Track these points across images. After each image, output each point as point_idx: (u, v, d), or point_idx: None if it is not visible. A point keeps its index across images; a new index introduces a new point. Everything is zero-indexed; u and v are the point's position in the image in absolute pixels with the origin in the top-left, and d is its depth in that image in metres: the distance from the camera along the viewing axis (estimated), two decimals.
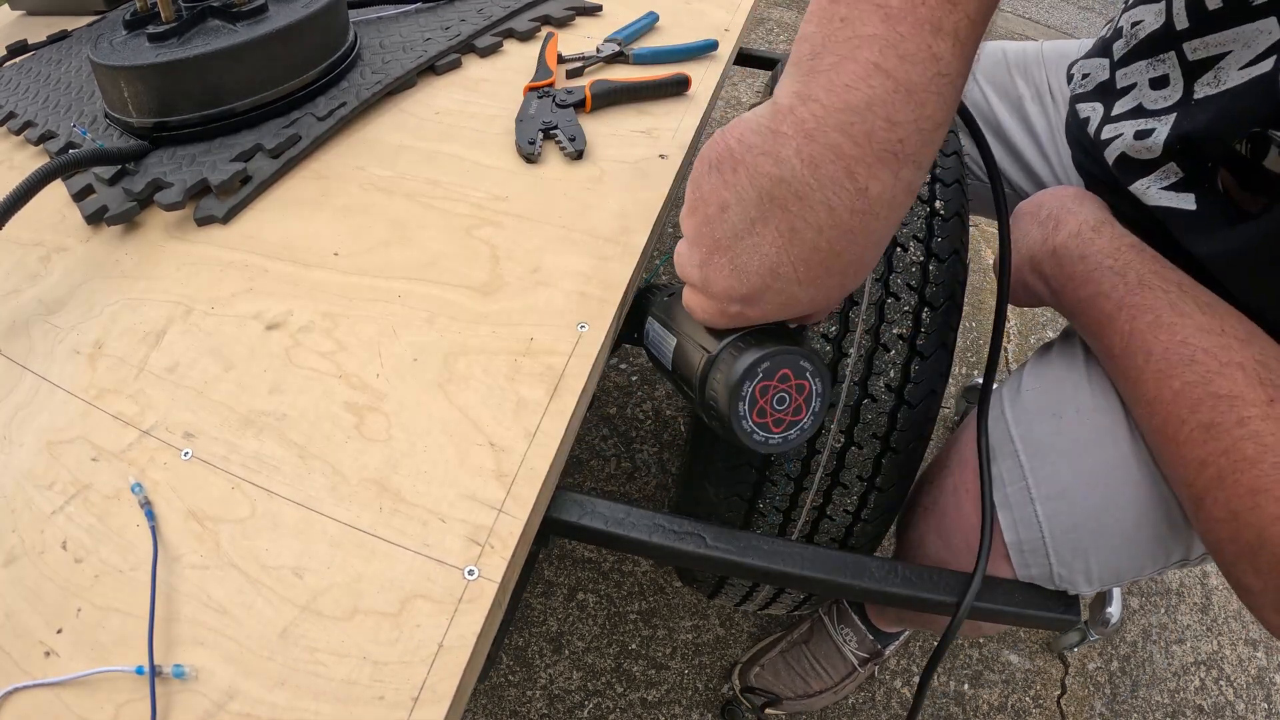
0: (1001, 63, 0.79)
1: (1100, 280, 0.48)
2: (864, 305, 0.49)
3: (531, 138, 0.60)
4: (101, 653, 0.35)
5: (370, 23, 0.77)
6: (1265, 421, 0.38)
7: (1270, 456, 0.38)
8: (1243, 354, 0.41)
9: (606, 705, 0.93)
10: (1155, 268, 0.47)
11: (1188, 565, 0.51)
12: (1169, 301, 0.45)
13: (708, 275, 0.35)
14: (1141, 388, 0.45)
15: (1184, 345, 0.43)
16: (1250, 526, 0.38)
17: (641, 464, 1.16)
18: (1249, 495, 0.38)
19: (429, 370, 0.45)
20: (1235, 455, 0.39)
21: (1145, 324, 0.45)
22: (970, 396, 1.26)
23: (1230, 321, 0.43)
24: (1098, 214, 0.52)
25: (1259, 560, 0.38)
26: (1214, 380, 0.41)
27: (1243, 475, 0.38)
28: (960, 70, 0.30)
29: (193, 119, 0.59)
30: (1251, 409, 0.39)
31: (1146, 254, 0.48)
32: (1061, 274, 0.51)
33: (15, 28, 0.90)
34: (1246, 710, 0.98)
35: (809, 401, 0.36)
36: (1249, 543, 0.38)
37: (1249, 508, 0.38)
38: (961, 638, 1.01)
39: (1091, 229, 0.51)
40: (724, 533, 0.45)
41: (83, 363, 0.47)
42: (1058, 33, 2.66)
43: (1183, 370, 0.42)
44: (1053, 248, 0.52)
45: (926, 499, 0.59)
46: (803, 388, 0.35)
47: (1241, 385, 0.40)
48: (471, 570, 0.37)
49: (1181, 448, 0.42)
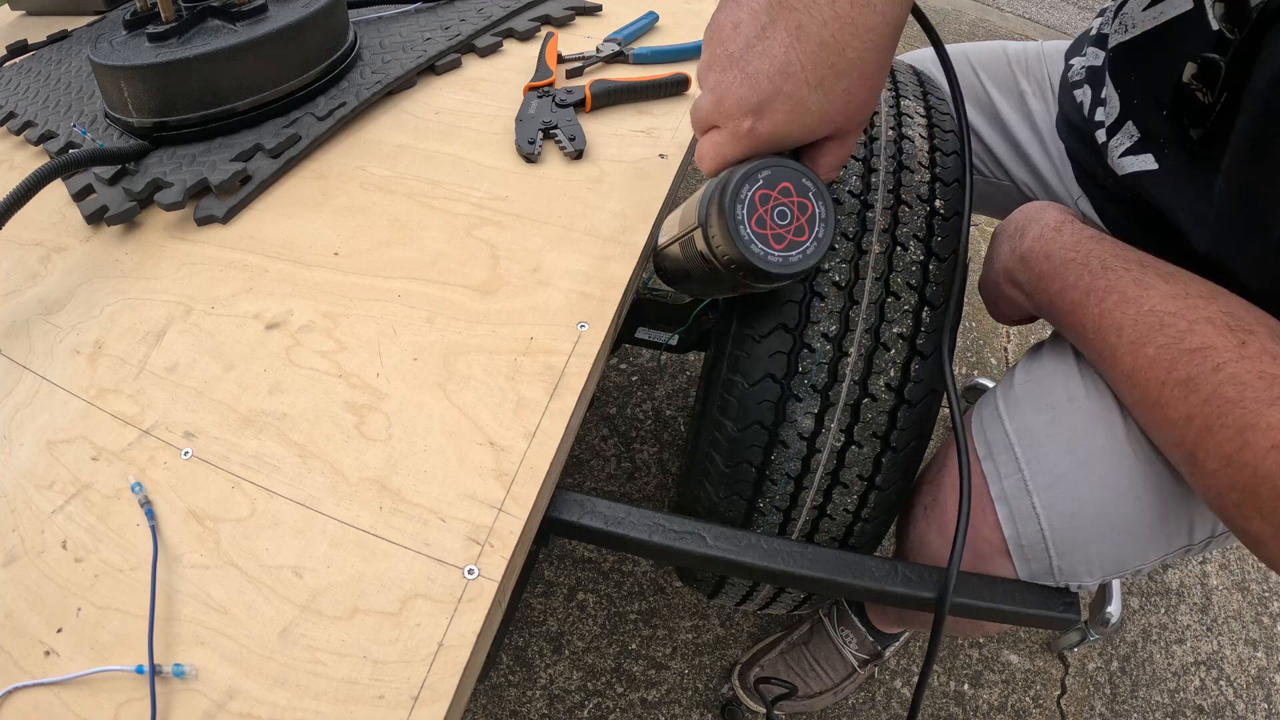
0: (1003, 60, 0.79)
1: (1066, 273, 0.50)
2: (864, 304, 0.49)
3: (531, 137, 0.60)
4: (101, 652, 0.35)
5: (370, 23, 0.77)
6: (1240, 363, 0.39)
7: (1250, 393, 0.38)
8: (1209, 309, 0.42)
9: (606, 705, 0.93)
10: (1115, 251, 0.48)
11: (1190, 552, 0.51)
12: (1133, 279, 0.46)
13: (720, 93, 0.37)
14: (1119, 363, 0.45)
15: (1152, 314, 0.44)
16: (1245, 466, 0.38)
17: (641, 464, 1.16)
18: (1237, 435, 0.38)
19: (429, 370, 0.45)
20: (1217, 401, 0.39)
21: (1112, 303, 0.46)
22: (970, 396, 1.26)
23: (1194, 285, 0.44)
24: (1058, 217, 0.54)
25: (1260, 500, 0.38)
26: (1185, 338, 0.42)
27: (1228, 417, 0.38)
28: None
29: (193, 119, 0.59)
30: (1225, 354, 0.40)
31: (1106, 242, 0.50)
32: (1032, 276, 0.53)
33: (15, 28, 0.90)
34: (1246, 710, 0.98)
35: (812, 224, 0.35)
36: (1246, 484, 0.38)
37: (1239, 448, 0.38)
38: (964, 638, 1.01)
39: (1053, 229, 0.53)
40: (724, 533, 0.45)
41: (83, 362, 0.47)
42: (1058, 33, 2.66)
43: (1154, 336, 0.43)
44: (1020, 254, 0.54)
45: (927, 497, 0.59)
46: (805, 207, 0.35)
47: (1212, 336, 0.41)
48: (471, 569, 0.37)
49: (1166, 409, 0.42)
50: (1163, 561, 0.51)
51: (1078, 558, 0.48)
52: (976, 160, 0.82)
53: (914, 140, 0.55)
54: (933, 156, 0.54)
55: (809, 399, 0.49)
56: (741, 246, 0.34)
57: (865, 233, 0.50)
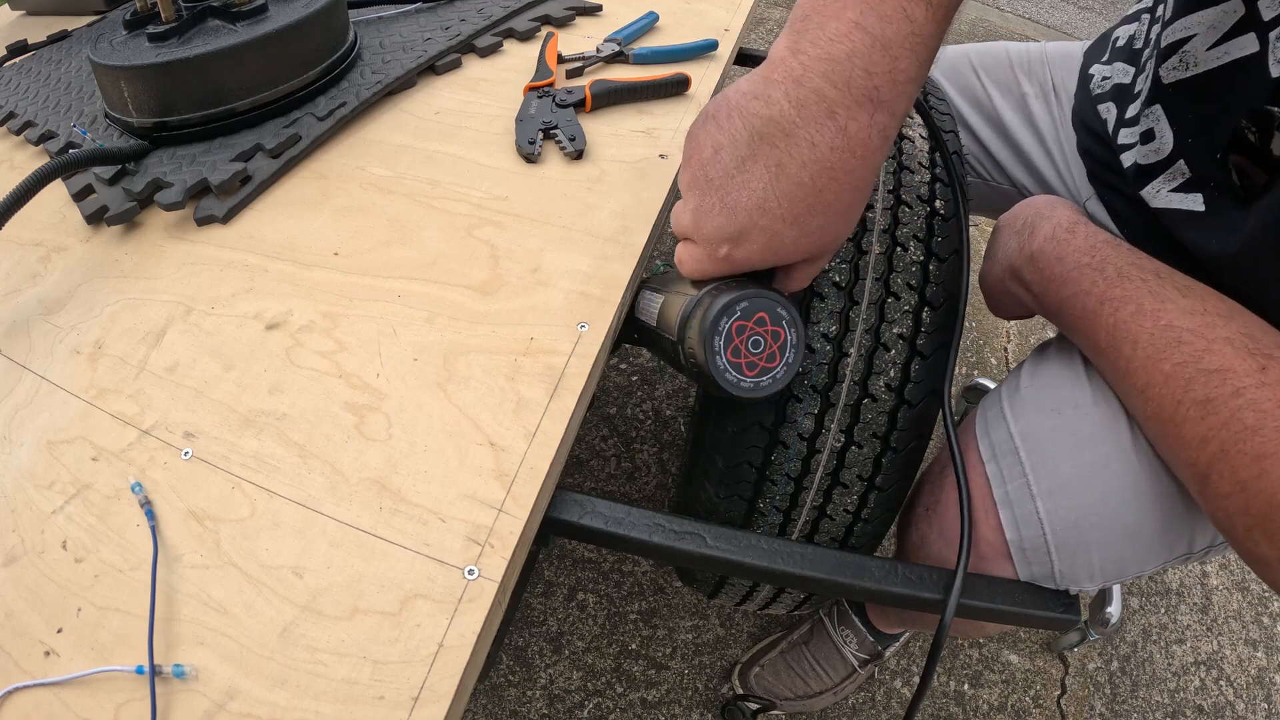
0: (1005, 62, 0.79)
1: (1079, 278, 0.49)
2: (864, 305, 0.49)
3: (531, 137, 0.60)
4: (101, 652, 0.35)
5: (370, 23, 0.77)
6: (1261, 389, 0.39)
7: (1270, 422, 0.38)
8: (1228, 329, 0.41)
9: (606, 705, 0.93)
10: (1132, 259, 0.48)
11: (1191, 559, 0.51)
12: (1149, 290, 0.45)
13: (699, 217, 0.37)
14: (1132, 377, 0.45)
15: (1169, 329, 0.43)
16: (1260, 494, 0.38)
17: (641, 464, 1.16)
18: (1254, 463, 0.38)
19: (429, 370, 0.45)
20: (1235, 426, 0.39)
21: (1128, 314, 0.45)
22: (970, 396, 1.26)
23: (1211, 301, 0.43)
24: (1070, 216, 0.53)
25: (1271, 526, 0.38)
26: (1204, 357, 0.41)
27: (1246, 444, 0.38)
28: (933, 32, 0.33)
29: (193, 119, 0.59)
30: (1245, 379, 0.39)
31: (1122, 248, 0.49)
32: (1041, 278, 0.52)
33: (15, 28, 0.90)
34: (1246, 710, 0.98)
35: (784, 350, 0.37)
36: (1260, 511, 0.38)
37: (1256, 475, 0.38)
38: (964, 638, 1.01)
39: (1066, 230, 0.52)
40: (724, 533, 0.45)
41: (83, 363, 0.47)
42: (1058, 33, 2.66)
43: (1171, 352, 0.42)
44: (1030, 253, 0.53)
45: (928, 498, 0.59)
46: (778, 335, 0.37)
47: (1231, 358, 0.40)
48: (471, 570, 0.37)
49: (1180, 428, 0.42)
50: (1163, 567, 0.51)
51: (1079, 562, 0.48)
52: (975, 163, 0.82)
53: (914, 141, 0.55)
54: (932, 157, 0.54)
55: (809, 399, 0.49)
56: (716, 375, 0.36)
57: (865, 233, 0.50)
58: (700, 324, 0.36)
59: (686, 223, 0.39)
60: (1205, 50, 0.47)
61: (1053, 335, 0.62)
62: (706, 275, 0.39)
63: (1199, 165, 0.49)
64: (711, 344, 0.36)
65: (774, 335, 0.37)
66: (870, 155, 0.35)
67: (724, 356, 0.36)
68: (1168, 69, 0.50)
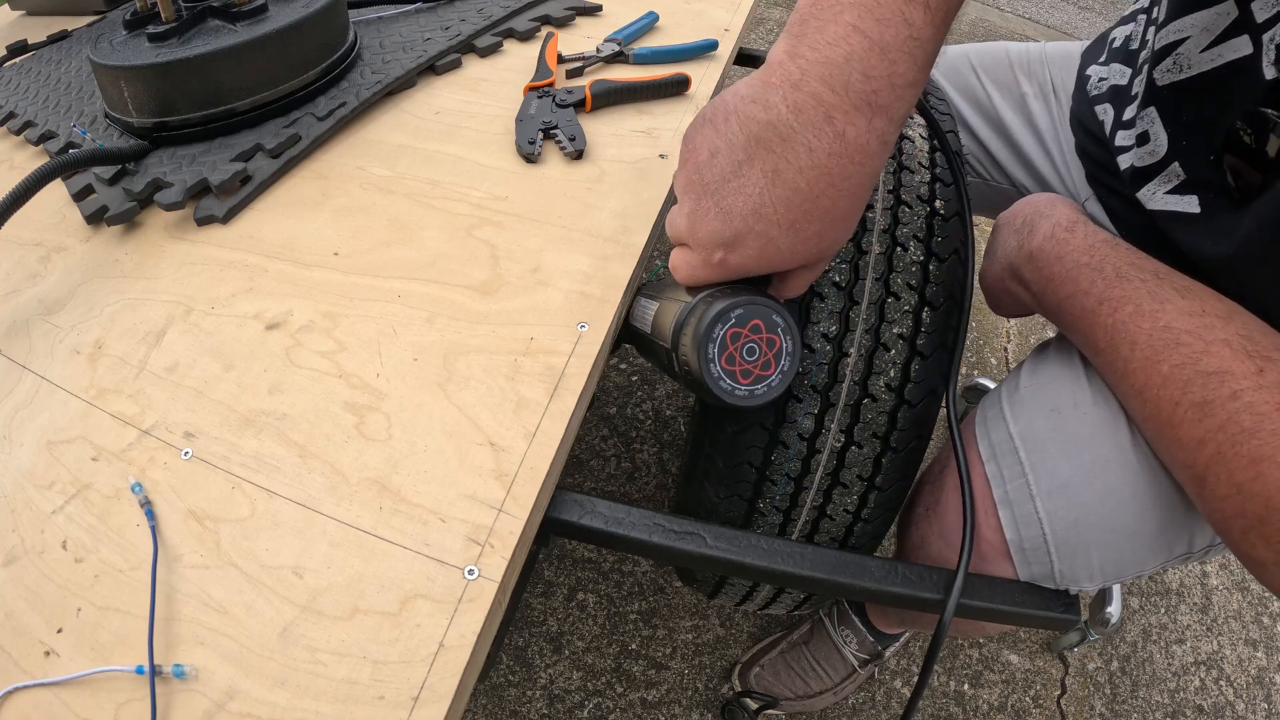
0: (1004, 62, 0.79)
1: (1078, 278, 0.49)
2: (864, 305, 0.49)
3: (531, 137, 0.60)
4: (101, 652, 0.35)
5: (370, 23, 0.77)
6: (1258, 392, 0.39)
7: (1268, 424, 0.38)
8: (1226, 330, 0.41)
9: (606, 705, 0.93)
10: (1131, 259, 0.48)
11: (1190, 559, 0.51)
12: (1148, 290, 0.45)
13: (695, 222, 0.37)
14: (1130, 378, 0.45)
15: (1167, 330, 0.43)
16: (1256, 497, 0.38)
17: (641, 464, 1.16)
18: (1251, 465, 0.38)
19: (429, 370, 0.45)
20: (1233, 428, 0.39)
21: (1127, 315, 0.45)
22: (970, 396, 1.26)
23: (1210, 302, 0.43)
24: (1070, 215, 0.53)
25: (1268, 529, 0.38)
26: (1201, 359, 0.41)
27: (1242, 447, 0.38)
28: (931, 36, 0.33)
29: (193, 119, 0.59)
30: (1243, 381, 0.39)
31: (1121, 248, 0.49)
32: (1040, 277, 0.52)
33: (15, 28, 0.90)
34: (1246, 710, 0.98)
35: (779, 358, 0.37)
36: (1256, 513, 0.38)
37: (1252, 478, 0.38)
38: (964, 638, 1.01)
39: (1065, 230, 0.52)
40: (724, 533, 0.45)
41: (83, 363, 0.47)
42: (1058, 33, 2.66)
43: (1169, 354, 0.42)
44: (1029, 252, 0.53)
45: (928, 498, 0.59)
46: (773, 343, 0.36)
47: (1229, 360, 0.40)
48: (471, 570, 0.37)
49: (1178, 429, 0.42)
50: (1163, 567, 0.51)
51: (1079, 562, 0.48)
52: (975, 163, 0.82)
53: (914, 140, 0.55)
54: (933, 157, 0.54)
55: (809, 399, 0.49)
56: (710, 383, 0.36)
57: (865, 233, 0.50)
58: (694, 331, 0.36)
59: (681, 227, 0.38)
60: (1199, 52, 0.47)
61: (1052, 335, 0.62)
62: (701, 281, 0.39)
63: (1194, 167, 0.49)
64: (705, 352, 0.35)
65: (769, 343, 0.36)
66: (868, 161, 0.34)
67: (718, 364, 0.36)
68: (1162, 71, 0.50)
